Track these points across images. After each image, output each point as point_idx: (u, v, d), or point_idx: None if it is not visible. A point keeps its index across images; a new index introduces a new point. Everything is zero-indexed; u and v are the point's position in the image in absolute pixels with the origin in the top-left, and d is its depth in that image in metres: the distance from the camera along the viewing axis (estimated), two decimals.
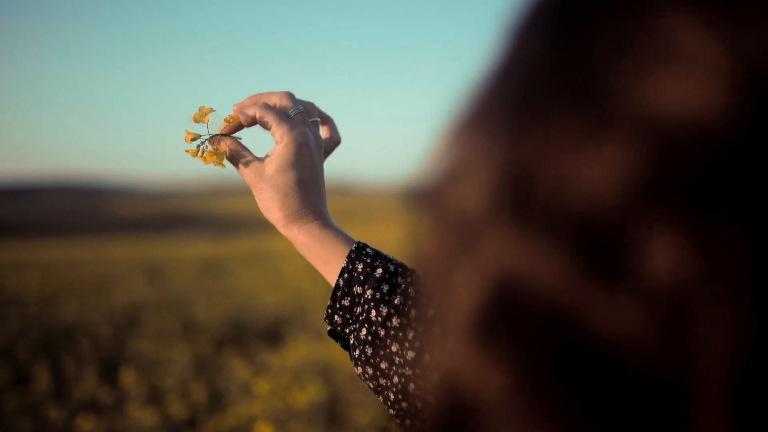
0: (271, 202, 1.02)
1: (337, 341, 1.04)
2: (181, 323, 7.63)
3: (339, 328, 1.01)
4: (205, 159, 1.07)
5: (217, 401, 4.98)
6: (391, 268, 0.98)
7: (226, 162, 1.07)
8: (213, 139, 1.07)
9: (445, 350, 0.43)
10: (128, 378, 5.03)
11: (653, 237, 0.35)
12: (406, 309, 0.95)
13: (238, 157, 1.06)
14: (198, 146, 1.07)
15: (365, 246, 1.01)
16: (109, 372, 5.84)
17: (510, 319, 0.39)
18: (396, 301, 0.96)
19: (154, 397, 4.99)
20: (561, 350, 0.37)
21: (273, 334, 7.43)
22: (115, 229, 39.37)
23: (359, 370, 0.97)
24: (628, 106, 0.36)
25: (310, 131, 1.05)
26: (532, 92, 0.40)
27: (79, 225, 43.95)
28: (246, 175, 1.05)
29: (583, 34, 0.39)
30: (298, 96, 1.11)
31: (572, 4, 0.41)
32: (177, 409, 4.61)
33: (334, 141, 1.15)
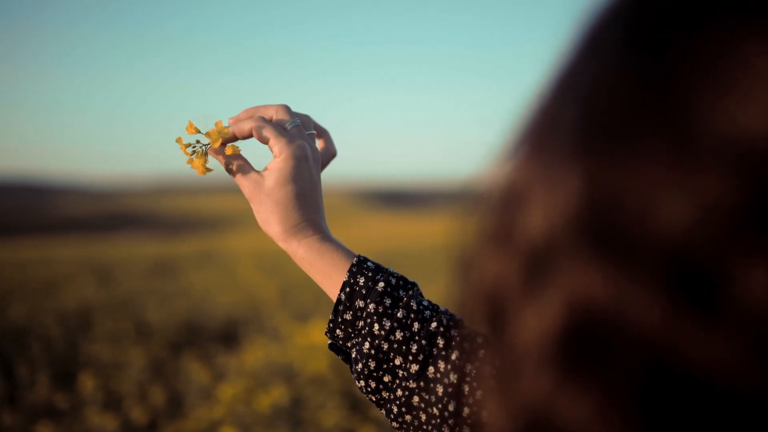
0: (270, 216, 1.02)
1: (338, 355, 1.04)
2: (134, 325, 7.53)
3: (340, 342, 1.01)
4: (193, 162, 1.06)
5: (176, 405, 4.93)
6: (393, 281, 0.99)
7: (211, 167, 1.07)
8: (211, 149, 1.06)
9: (508, 379, 0.43)
10: (84, 382, 4.94)
11: (747, 267, 0.35)
12: (409, 323, 0.96)
13: (237, 168, 1.05)
14: (195, 155, 1.07)
15: (366, 259, 1.01)
16: (63, 376, 5.74)
17: (595, 349, 0.39)
18: (399, 315, 0.96)
19: (112, 402, 4.91)
20: (651, 380, 0.38)
21: (229, 336, 7.38)
22: (60, 228, 38.68)
23: (362, 383, 0.97)
24: (716, 134, 0.35)
25: (308, 145, 1.05)
26: (609, 116, 0.39)
27: (23, 224, 43.06)
28: (245, 187, 1.05)
29: (663, 56, 0.39)
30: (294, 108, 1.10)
31: (647, 20, 0.41)
32: (137, 414, 4.55)
33: (330, 153, 1.15)
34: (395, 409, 0.95)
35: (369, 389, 0.96)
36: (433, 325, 0.95)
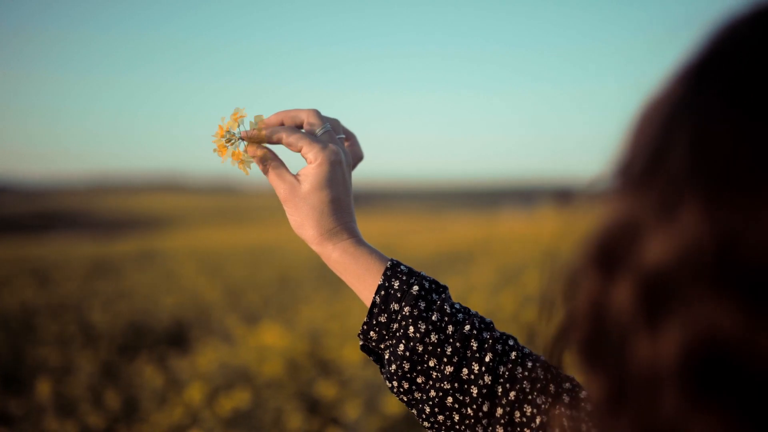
0: (306, 220, 1.04)
1: (369, 356, 1.06)
2: (79, 328, 7.40)
3: (373, 344, 1.03)
4: (233, 157, 1.06)
5: (132, 410, 4.88)
6: (426, 285, 1.01)
7: (252, 168, 1.07)
8: (250, 143, 1.06)
9: (637, 401, 0.49)
10: (40, 388, 4.85)
11: None
12: (443, 325, 0.99)
13: (274, 170, 1.06)
14: (230, 143, 1.07)
15: (399, 263, 1.03)
16: (10, 381, 5.63)
17: (727, 375, 0.45)
18: (434, 318, 0.99)
19: (65, 407, 4.84)
20: None
21: (177, 339, 7.30)
22: None
23: (394, 383, 0.99)
24: None
25: (340, 149, 1.06)
26: (724, 165, 0.46)
27: None
28: (281, 190, 1.06)
29: None
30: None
31: (753, 82, 0.48)
32: (93, 420, 4.49)
33: (358, 157, 1.16)
34: (428, 410, 0.98)
35: (402, 390, 0.99)
36: (467, 327, 0.99)
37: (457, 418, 0.97)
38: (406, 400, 1.01)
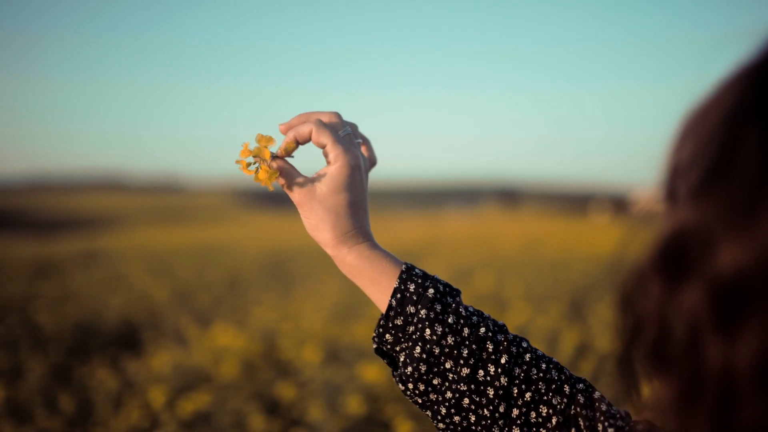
0: (322, 223, 1.04)
1: (383, 359, 1.07)
2: (26, 331, 7.25)
3: (388, 346, 1.03)
4: (256, 176, 1.06)
5: (88, 413, 4.79)
6: (441, 288, 1.02)
7: (275, 184, 1.07)
8: (270, 158, 1.06)
9: (718, 404, 0.51)
10: None
11: None
12: (459, 328, 1.00)
13: (287, 176, 1.06)
14: (252, 162, 1.07)
15: (413, 267, 1.04)
16: None
17: None
18: (450, 320, 1.00)
19: (18, 411, 4.73)
20: None
21: (127, 341, 7.19)
22: None
23: (409, 386, 1.00)
24: None
25: (360, 154, 1.07)
26: None
27: None
28: (295, 194, 1.06)
29: None
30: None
31: None
32: (48, 424, 4.40)
33: (372, 162, 1.16)
34: (443, 411, 0.99)
35: (417, 392, 1.00)
36: (482, 330, 1.00)
37: (473, 419, 0.99)
38: (420, 402, 1.01)
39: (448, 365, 0.99)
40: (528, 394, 0.98)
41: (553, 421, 0.97)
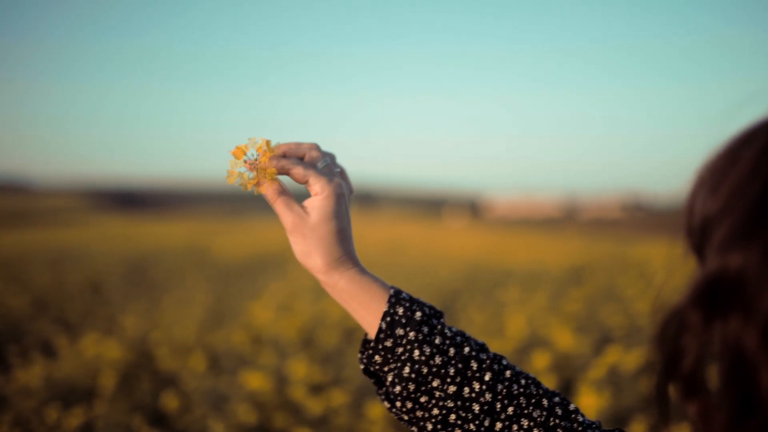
0: (314, 250, 1.08)
1: (371, 379, 1.12)
2: None
3: (377, 367, 1.09)
4: (245, 180, 1.10)
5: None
6: (427, 311, 1.09)
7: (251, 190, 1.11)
8: (260, 168, 1.10)
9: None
10: None
11: None
12: (445, 348, 1.07)
13: (284, 201, 1.10)
14: (247, 169, 1.10)
15: (400, 291, 1.10)
16: None
17: None
18: (437, 341, 1.07)
19: None
20: None
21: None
22: None
23: (397, 404, 1.07)
24: None
25: (342, 182, 1.12)
26: None
27: None
28: (288, 220, 1.10)
29: None
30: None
31: None
32: None
33: (349, 190, 1.20)
34: (429, 426, 1.06)
35: (404, 409, 1.06)
36: (466, 349, 1.07)
37: None
38: (406, 418, 1.08)
39: (435, 384, 1.05)
40: (510, 409, 1.05)
41: None
